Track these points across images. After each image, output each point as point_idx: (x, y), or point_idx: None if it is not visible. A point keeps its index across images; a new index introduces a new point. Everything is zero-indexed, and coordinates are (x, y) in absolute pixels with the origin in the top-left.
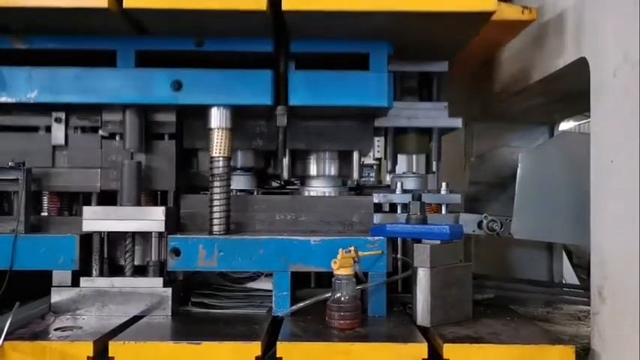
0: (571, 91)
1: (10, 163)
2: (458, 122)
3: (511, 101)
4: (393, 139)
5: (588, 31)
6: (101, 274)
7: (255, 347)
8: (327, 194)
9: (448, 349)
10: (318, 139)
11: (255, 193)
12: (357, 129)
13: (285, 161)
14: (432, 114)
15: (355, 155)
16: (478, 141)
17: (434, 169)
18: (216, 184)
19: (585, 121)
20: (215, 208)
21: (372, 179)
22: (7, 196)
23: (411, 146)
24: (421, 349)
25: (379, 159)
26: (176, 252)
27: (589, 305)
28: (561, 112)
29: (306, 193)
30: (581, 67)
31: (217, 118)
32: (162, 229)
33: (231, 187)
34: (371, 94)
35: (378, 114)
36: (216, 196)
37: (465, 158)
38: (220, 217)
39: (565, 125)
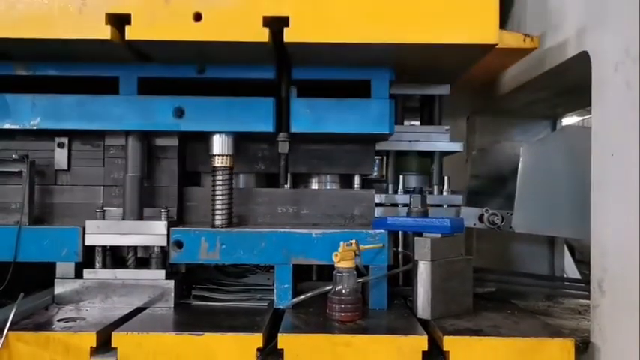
0: (573, 85)
1: (13, 156)
2: (459, 146)
3: (513, 95)
4: (395, 161)
5: (590, 25)
6: (104, 266)
7: (257, 338)
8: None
9: (448, 342)
10: (320, 163)
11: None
12: (358, 153)
13: (287, 187)
14: (433, 137)
15: (356, 178)
16: (480, 135)
17: (435, 192)
18: (219, 177)
19: (589, 116)
20: (217, 201)
21: (375, 174)
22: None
23: (413, 168)
24: (421, 341)
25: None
26: (178, 244)
27: (589, 299)
28: (564, 107)
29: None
30: (583, 61)
31: (219, 145)
32: (164, 243)
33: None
34: (373, 121)
35: (380, 138)
36: (218, 190)
37: (467, 152)
38: (222, 210)
39: (568, 120)
